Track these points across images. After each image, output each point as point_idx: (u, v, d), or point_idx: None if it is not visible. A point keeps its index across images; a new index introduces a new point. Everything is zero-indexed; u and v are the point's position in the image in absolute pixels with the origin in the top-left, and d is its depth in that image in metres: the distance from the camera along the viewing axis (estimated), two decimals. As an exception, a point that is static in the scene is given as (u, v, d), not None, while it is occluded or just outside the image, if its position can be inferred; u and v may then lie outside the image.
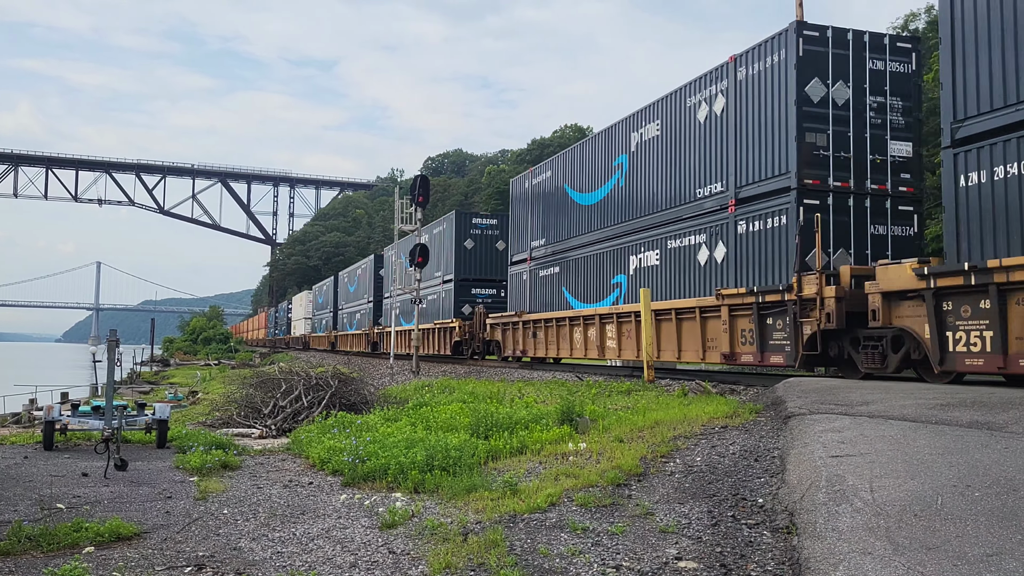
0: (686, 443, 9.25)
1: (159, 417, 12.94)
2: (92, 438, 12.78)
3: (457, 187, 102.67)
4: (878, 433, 7.74)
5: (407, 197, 30.68)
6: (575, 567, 5.69)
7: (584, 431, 10.93)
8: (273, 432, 15.82)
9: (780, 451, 8.31)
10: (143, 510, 8.08)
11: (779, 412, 10.14)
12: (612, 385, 16.52)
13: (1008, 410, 8.24)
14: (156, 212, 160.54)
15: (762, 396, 12.25)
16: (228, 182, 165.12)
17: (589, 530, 6.49)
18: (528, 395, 15.88)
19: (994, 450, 6.70)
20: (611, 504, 7.16)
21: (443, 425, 12.09)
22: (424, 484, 8.68)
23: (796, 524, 6.02)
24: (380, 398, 18.41)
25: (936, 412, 8.47)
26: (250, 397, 17.83)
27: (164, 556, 6.42)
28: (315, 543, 6.79)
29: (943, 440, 7.21)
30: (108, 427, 11.10)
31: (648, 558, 5.78)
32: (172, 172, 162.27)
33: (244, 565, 6.16)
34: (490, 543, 6.18)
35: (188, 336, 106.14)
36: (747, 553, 5.77)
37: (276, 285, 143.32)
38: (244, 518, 7.78)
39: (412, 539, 6.71)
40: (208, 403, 22.98)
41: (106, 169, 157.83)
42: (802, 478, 6.84)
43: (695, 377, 17.28)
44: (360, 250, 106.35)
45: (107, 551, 6.56)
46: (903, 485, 6.07)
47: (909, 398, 9.61)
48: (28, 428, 20.29)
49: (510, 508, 7.18)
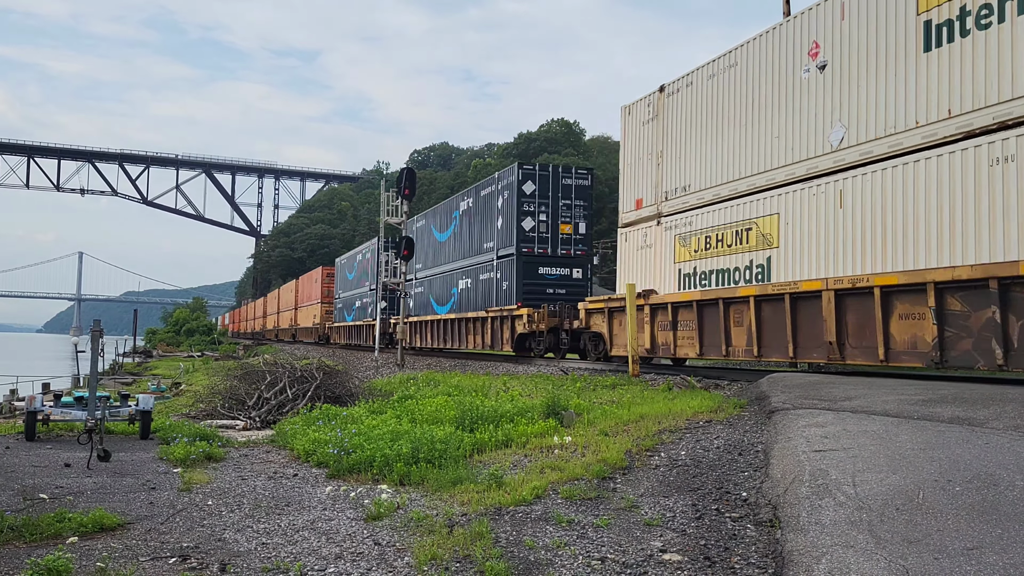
0: (671, 437, 9.30)
1: (142, 408, 12.87)
2: (75, 429, 12.70)
3: (443, 180, 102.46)
4: (861, 428, 7.81)
5: (393, 190, 30.64)
6: (560, 559, 5.72)
7: (569, 424, 10.97)
8: (257, 424, 15.77)
9: (764, 445, 8.37)
10: (127, 501, 8.04)
11: (763, 407, 10.21)
12: (597, 379, 16.58)
13: (988, 406, 8.34)
14: (139, 202, 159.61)
15: (746, 391, 12.34)
16: (212, 173, 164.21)
17: (574, 523, 6.52)
18: (513, 389, 15.91)
19: (974, 445, 6.78)
20: (596, 497, 7.19)
21: (429, 418, 12.09)
22: (410, 476, 8.69)
23: (779, 517, 6.08)
24: (365, 391, 18.39)
25: (918, 408, 8.55)
26: (234, 389, 17.76)
27: (148, 547, 6.40)
28: (300, 535, 6.78)
29: (925, 436, 7.28)
30: (91, 418, 11.03)
31: (633, 550, 5.81)
32: (156, 162, 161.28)
33: (229, 556, 6.15)
34: (476, 535, 6.20)
35: (171, 327, 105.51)
36: (731, 546, 5.82)
37: (260, 277, 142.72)
38: (229, 509, 7.77)
39: (398, 531, 6.71)
40: (191, 395, 22.88)
41: (89, 159, 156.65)
42: (785, 472, 6.90)
43: (680, 372, 17.37)
44: (345, 242, 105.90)
45: (91, 541, 6.53)
46: (885, 479, 6.13)
47: (892, 394, 9.70)
48: (9, 419, 20.13)
49: (495, 501, 7.20)
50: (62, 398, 13.47)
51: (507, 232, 26.25)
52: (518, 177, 25.67)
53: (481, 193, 28.98)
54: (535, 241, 25.75)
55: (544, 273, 25.89)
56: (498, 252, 27.03)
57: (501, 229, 26.84)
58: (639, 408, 11.49)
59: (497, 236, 27.13)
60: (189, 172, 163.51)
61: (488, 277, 28.04)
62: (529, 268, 25.68)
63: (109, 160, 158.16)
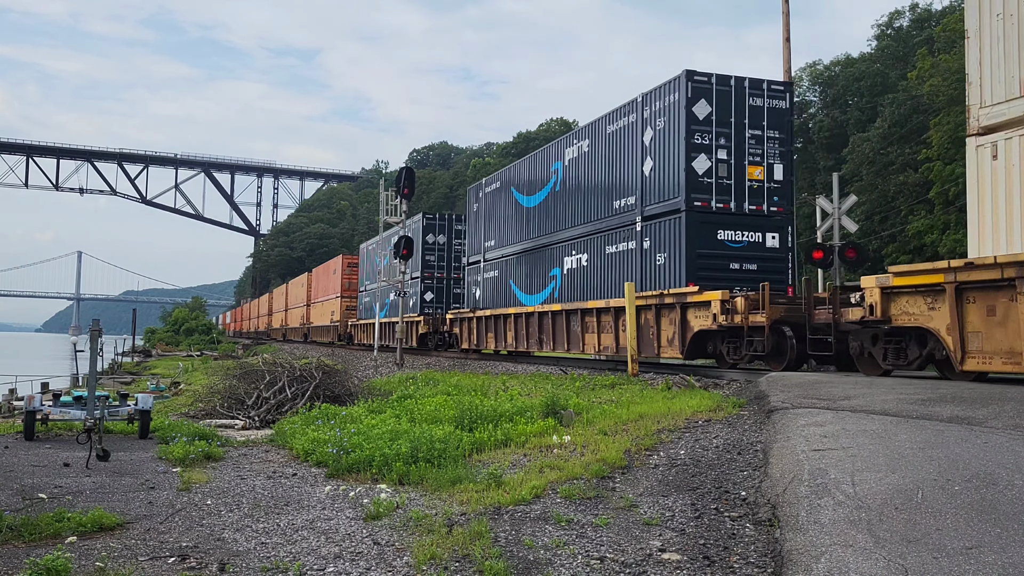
0: (670, 436, 9.30)
1: (142, 407, 12.86)
2: (74, 428, 12.68)
3: (442, 179, 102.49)
4: (860, 427, 7.81)
5: (392, 189, 30.60)
6: (559, 559, 5.72)
7: (568, 424, 10.97)
8: (256, 423, 15.77)
9: (763, 445, 8.37)
10: (126, 500, 8.04)
11: (762, 406, 10.21)
12: (596, 379, 16.58)
13: (987, 405, 8.35)
14: (138, 202, 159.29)
15: (745, 390, 12.34)
16: (212, 172, 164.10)
17: (573, 522, 6.52)
18: (512, 388, 15.91)
19: (973, 445, 6.78)
20: (595, 496, 7.19)
21: (428, 417, 12.09)
22: (409, 476, 8.69)
23: (778, 517, 6.08)
24: (364, 390, 18.40)
25: (917, 407, 8.56)
26: (233, 388, 17.76)
27: (147, 546, 6.40)
28: (299, 534, 6.78)
29: (924, 435, 7.29)
30: (90, 417, 11.03)
31: (632, 550, 5.81)
32: (155, 162, 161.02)
33: (228, 556, 6.15)
34: (475, 534, 6.19)
35: (170, 327, 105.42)
36: (730, 545, 5.82)
37: (259, 276, 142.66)
38: (228, 509, 7.76)
39: (397, 530, 6.71)
40: (190, 394, 22.89)
41: (88, 158, 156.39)
42: (785, 471, 6.90)
43: (679, 371, 17.36)
44: (344, 242, 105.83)
45: (90, 541, 6.53)
46: (884, 479, 6.13)
47: (891, 393, 9.71)
48: (8, 418, 20.13)
49: (495, 500, 7.20)
50: (61, 397, 13.46)
51: (664, 179, 18.01)
52: (686, 93, 17.21)
53: (608, 130, 20.55)
54: (712, 191, 17.42)
55: (727, 240, 17.51)
56: (644, 211, 18.76)
57: (652, 176, 18.46)
58: (638, 407, 11.49)
59: (644, 187, 18.78)
60: (188, 171, 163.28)
61: (623, 249, 19.66)
62: (705, 232, 17.36)
63: (108, 159, 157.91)
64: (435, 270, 35.76)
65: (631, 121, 19.39)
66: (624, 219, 19.56)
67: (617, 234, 19.88)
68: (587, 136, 21.63)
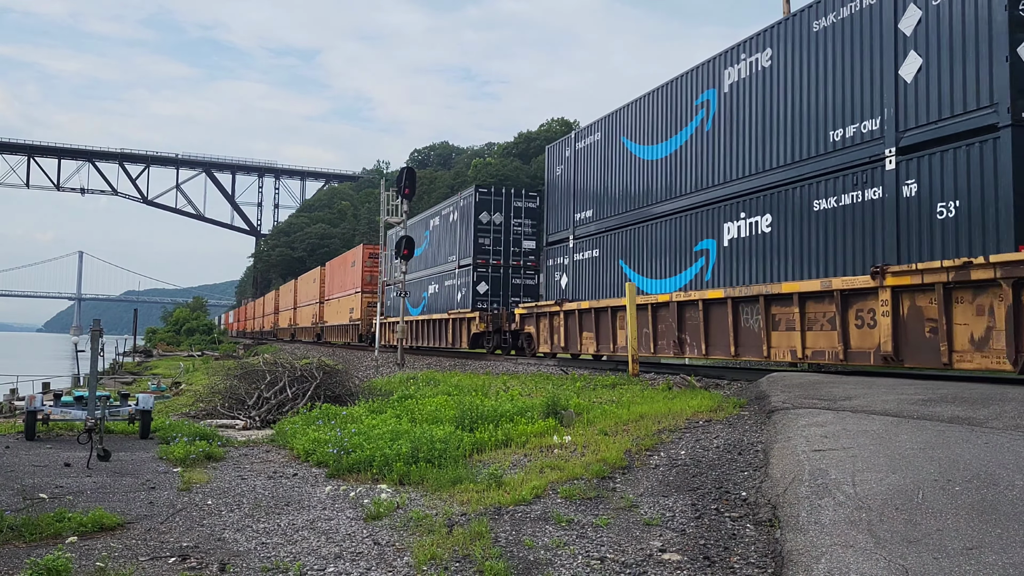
0: (670, 436, 9.29)
1: (142, 407, 12.86)
2: (75, 428, 12.69)
3: (443, 179, 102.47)
4: (861, 428, 7.81)
5: (393, 189, 30.57)
6: (560, 559, 5.72)
7: (569, 424, 10.96)
8: (257, 423, 15.77)
9: (764, 445, 8.37)
10: (126, 500, 8.04)
11: (763, 406, 10.21)
12: (597, 379, 16.58)
13: (988, 406, 8.34)
14: (139, 202, 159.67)
15: (746, 390, 12.34)
16: (213, 172, 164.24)
17: (574, 522, 6.51)
18: (513, 388, 15.90)
19: (974, 445, 6.78)
20: (596, 497, 7.19)
21: (428, 417, 12.09)
22: (409, 476, 8.69)
23: (779, 517, 6.08)
24: (365, 390, 18.39)
25: (918, 407, 8.55)
26: (234, 388, 17.76)
27: (148, 546, 6.40)
28: (300, 534, 6.78)
29: (924, 435, 7.28)
30: (91, 417, 11.03)
31: (632, 550, 5.81)
32: (156, 162, 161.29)
33: (228, 556, 6.15)
34: (475, 535, 6.19)
35: (171, 327, 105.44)
36: (730, 545, 5.82)
37: (260, 276, 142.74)
38: (228, 509, 7.76)
39: (397, 530, 6.71)
40: (191, 394, 22.88)
41: (89, 158, 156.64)
42: (785, 472, 6.90)
43: (680, 371, 17.35)
44: (345, 242, 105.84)
45: (90, 541, 6.53)
46: (885, 479, 6.13)
47: (891, 393, 9.70)
48: (9, 418, 20.13)
49: (495, 500, 7.20)
50: (62, 397, 13.46)
51: (951, 82, 11.88)
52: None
53: (814, 27, 14.62)
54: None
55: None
56: (902, 138, 12.68)
57: (920, 81, 12.23)
58: (639, 408, 11.49)
59: (903, 101, 12.66)
60: (189, 171, 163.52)
61: (850, 202, 13.46)
62: None
63: (109, 159, 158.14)
64: (490, 256, 29.54)
65: (869, 3, 13.21)
66: (854, 155, 13.36)
67: (837, 181, 13.68)
68: (768, 44, 15.47)
